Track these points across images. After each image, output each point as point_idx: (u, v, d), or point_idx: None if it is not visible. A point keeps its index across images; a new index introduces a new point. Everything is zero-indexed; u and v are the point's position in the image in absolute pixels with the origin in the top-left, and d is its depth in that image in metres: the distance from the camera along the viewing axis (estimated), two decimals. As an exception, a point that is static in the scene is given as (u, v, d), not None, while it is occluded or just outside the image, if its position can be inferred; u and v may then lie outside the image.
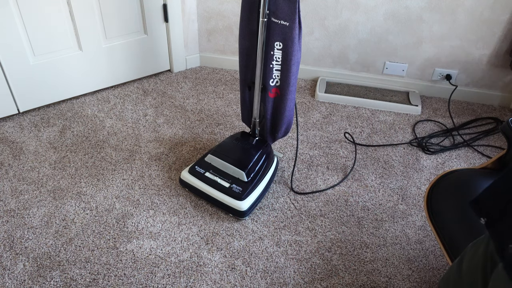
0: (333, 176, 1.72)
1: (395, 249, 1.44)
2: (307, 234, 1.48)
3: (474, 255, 0.67)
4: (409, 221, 1.54)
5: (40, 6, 1.81)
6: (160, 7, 2.15)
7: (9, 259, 1.36)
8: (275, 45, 1.38)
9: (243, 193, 1.47)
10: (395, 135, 1.97)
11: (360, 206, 1.60)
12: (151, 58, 2.28)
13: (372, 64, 2.23)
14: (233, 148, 1.59)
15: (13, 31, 1.79)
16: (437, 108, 2.16)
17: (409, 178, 1.73)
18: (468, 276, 0.66)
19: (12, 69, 1.86)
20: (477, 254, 0.65)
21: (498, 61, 2.06)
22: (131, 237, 1.44)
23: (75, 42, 1.99)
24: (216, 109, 2.09)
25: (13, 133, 1.89)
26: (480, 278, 0.62)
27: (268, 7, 1.31)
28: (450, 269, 0.76)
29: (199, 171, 1.55)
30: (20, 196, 1.58)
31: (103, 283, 1.30)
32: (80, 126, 1.95)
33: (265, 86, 1.49)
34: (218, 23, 2.29)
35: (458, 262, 0.74)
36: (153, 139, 1.89)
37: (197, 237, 1.45)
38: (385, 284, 1.33)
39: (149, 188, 1.63)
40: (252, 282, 1.32)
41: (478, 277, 0.62)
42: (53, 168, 1.71)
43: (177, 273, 1.34)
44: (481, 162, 1.84)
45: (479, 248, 0.66)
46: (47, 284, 1.30)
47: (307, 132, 1.96)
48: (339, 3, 2.07)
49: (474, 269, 0.64)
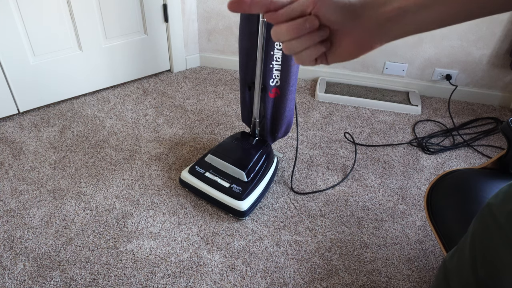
0: (333, 176, 1.72)
1: (395, 249, 1.44)
2: (307, 234, 1.48)
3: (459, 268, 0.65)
4: (409, 221, 1.54)
5: (40, 6, 1.81)
6: (160, 7, 2.15)
7: (9, 259, 1.36)
8: (275, 45, 1.38)
9: (243, 193, 1.47)
10: (395, 135, 1.97)
11: (360, 206, 1.60)
12: (151, 58, 2.28)
13: (372, 64, 2.23)
14: (233, 148, 1.59)
15: (13, 31, 1.79)
16: (437, 108, 2.16)
17: (409, 178, 1.73)
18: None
19: (12, 69, 1.86)
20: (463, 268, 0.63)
21: (498, 61, 2.06)
22: (131, 237, 1.44)
23: (75, 42, 1.99)
24: (216, 109, 2.09)
25: (13, 133, 1.89)
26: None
27: (268, 7, 1.31)
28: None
29: (199, 171, 1.55)
30: (20, 196, 1.58)
31: (103, 283, 1.30)
32: (80, 126, 1.95)
33: (265, 86, 1.49)
34: (218, 23, 2.29)
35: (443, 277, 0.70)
36: (153, 139, 1.89)
37: (197, 237, 1.45)
38: (385, 284, 1.33)
39: (149, 188, 1.63)
40: (252, 282, 1.32)
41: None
42: (53, 168, 1.71)
43: (177, 273, 1.34)
44: (481, 162, 1.84)
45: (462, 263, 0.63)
46: (47, 284, 1.30)
47: (307, 132, 1.96)
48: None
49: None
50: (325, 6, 0.45)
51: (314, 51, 0.48)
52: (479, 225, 0.60)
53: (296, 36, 0.47)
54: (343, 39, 0.47)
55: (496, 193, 0.58)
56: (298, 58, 0.49)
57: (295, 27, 0.46)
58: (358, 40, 0.46)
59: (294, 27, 0.46)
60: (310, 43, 0.47)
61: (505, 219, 0.53)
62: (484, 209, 0.59)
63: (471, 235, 0.61)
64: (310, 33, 0.47)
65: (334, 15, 0.46)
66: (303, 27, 0.46)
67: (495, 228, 0.55)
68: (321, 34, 0.47)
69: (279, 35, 0.48)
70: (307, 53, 0.48)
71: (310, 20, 0.46)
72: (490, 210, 0.57)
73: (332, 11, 0.46)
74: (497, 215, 0.55)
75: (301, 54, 0.48)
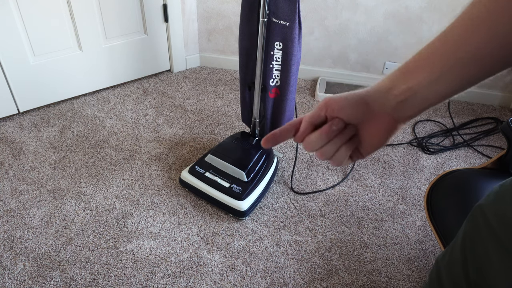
0: (333, 176, 1.72)
1: (395, 249, 1.44)
2: (307, 234, 1.48)
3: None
4: (409, 221, 1.54)
5: (40, 6, 1.81)
6: (160, 7, 2.15)
7: (9, 259, 1.36)
8: (275, 45, 1.38)
9: (243, 193, 1.47)
10: (395, 135, 1.97)
11: (360, 206, 1.60)
12: (151, 58, 2.28)
13: (372, 64, 2.23)
14: (233, 148, 1.59)
15: (13, 31, 1.79)
16: (437, 108, 2.16)
17: (409, 178, 1.73)
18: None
19: (12, 69, 1.86)
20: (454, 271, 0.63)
21: (498, 61, 2.06)
22: (131, 237, 1.44)
23: (75, 42, 1.99)
24: (216, 109, 2.09)
25: (13, 133, 1.89)
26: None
27: (268, 7, 1.31)
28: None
29: (199, 171, 1.55)
30: (20, 196, 1.58)
31: (103, 283, 1.30)
32: (80, 126, 1.95)
33: (265, 86, 1.49)
34: (218, 23, 2.29)
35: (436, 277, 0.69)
36: (153, 139, 1.89)
37: (197, 237, 1.45)
38: (385, 284, 1.33)
39: (149, 188, 1.63)
40: (252, 282, 1.32)
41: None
42: (53, 168, 1.71)
43: (177, 273, 1.34)
44: (481, 162, 1.84)
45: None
46: (47, 284, 1.30)
47: (307, 132, 1.96)
48: (339, 3, 2.07)
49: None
50: (336, 106, 0.48)
51: (347, 150, 0.50)
52: (470, 226, 0.60)
53: (327, 141, 0.49)
54: (368, 130, 0.49)
55: (488, 194, 0.58)
56: (334, 161, 0.51)
57: (324, 133, 0.48)
58: (381, 126, 0.48)
59: (323, 133, 0.48)
60: (340, 143, 0.49)
61: (495, 220, 0.54)
62: (475, 209, 0.59)
63: (462, 236, 0.61)
64: (339, 135, 0.49)
65: (348, 112, 0.48)
66: (331, 130, 0.48)
67: (485, 229, 0.55)
68: (348, 133, 0.49)
69: (312, 145, 0.50)
70: (341, 153, 0.50)
71: (335, 122, 0.48)
72: (481, 211, 0.57)
73: (345, 108, 0.48)
74: (488, 216, 0.55)
75: (335, 156, 0.50)
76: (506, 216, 0.52)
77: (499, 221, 0.53)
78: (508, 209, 0.51)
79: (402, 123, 0.48)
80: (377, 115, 0.47)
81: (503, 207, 0.53)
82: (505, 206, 0.52)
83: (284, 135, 0.51)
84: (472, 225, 0.59)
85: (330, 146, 0.49)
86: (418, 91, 0.43)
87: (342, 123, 0.48)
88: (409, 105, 0.45)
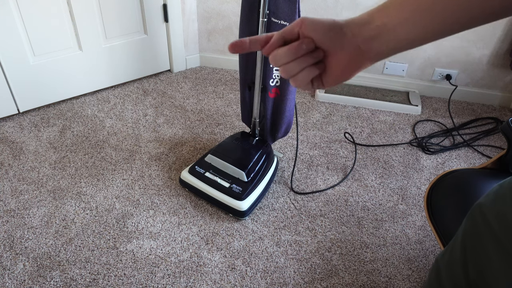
0: (333, 176, 1.72)
1: (395, 249, 1.44)
2: (307, 234, 1.48)
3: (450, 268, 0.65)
4: (409, 221, 1.54)
5: (40, 6, 1.81)
6: (160, 7, 2.15)
7: (9, 259, 1.36)
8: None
9: (243, 193, 1.47)
10: (395, 135, 1.97)
11: (360, 206, 1.60)
12: (151, 58, 2.28)
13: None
14: (233, 148, 1.59)
15: (13, 31, 1.79)
16: (437, 108, 2.16)
17: (409, 178, 1.73)
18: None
19: (12, 69, 1.86)
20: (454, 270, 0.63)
21: (498, 61, 2.06)
22: (131, 237, 1.44)
23: (75, 42, 1.99)
24: (216, 109, 2.09)
25: (13, 133, 1.89)
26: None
27: (268, 7, 1.31)
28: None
29: (199, 171, 1.55)
30: (20, 196, 1.58)
31: (103, 283, 1.30)
32: (80, 126, 1.95)
33: (265, 86, 1.49)
34: (218, 23, 2.29)
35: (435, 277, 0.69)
36: (153, 139, 1.89)
37: (197, 237, 1.45)
38: (385, 284, 1.33)
39: (149, 188, 1.63)
40: (252, 282, 1.32)
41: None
42: (53, 168, 1.71)
43: (177, 273, 1.34)
44: (481, 162, 1.84)
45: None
46: (47, 284, 1.30)
47: (307, 132, 1.96)
48: (339, 3, 2.07)
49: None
50: (311, 25, 0.48)
51: (310, 73, 0.50)
52: (470, 224, 0.60)
53: (294, 58, 0.49)
54: (335, 59, 0.49)
55: (487, 193, 0.58)
56: (295, 81, 0.52)
57: (292, 49, 0.49)
58: (347, 59, 0.48)
59: (292, 49, 0.49)
60: (306, 64, 0.50)
61: (496, 222, 0.54)
62: (475, 209, 0.59)
63: (462, 234, 0.61)
64: (306, 55, 0.49)
65: (321, 34, 0.48)
66: (300, 48, 0.49)
67: (485, 229, 0.56)
68: (315, 56, 0.50)
69: (278, 59, 0.50)
70: (303, 74, 0.50)
71: (306, 42, 0.49)
72: (480, 211, 0.57)
73: (318, 30, 0.48)
74: (488, 217, 0.55)
75: (297, 76, 0.51)
76: (506, 218, 0.52)
77: (500, 222, 0.53)
78: (509, 210, 0.51)
79: (369, 60, 0.48)
80: (347, 45, 0.48)
81: (503, 208, 0.53)
82: (505, 208, 0.52)
83: (254, 44, 0.51)
84: (472, 224, 0.59)
85: (294, 65, 0.49)
86: (390, 28, 0.44)
87: (312, 44, 0.49)
88: (380, 40, 0.46)
